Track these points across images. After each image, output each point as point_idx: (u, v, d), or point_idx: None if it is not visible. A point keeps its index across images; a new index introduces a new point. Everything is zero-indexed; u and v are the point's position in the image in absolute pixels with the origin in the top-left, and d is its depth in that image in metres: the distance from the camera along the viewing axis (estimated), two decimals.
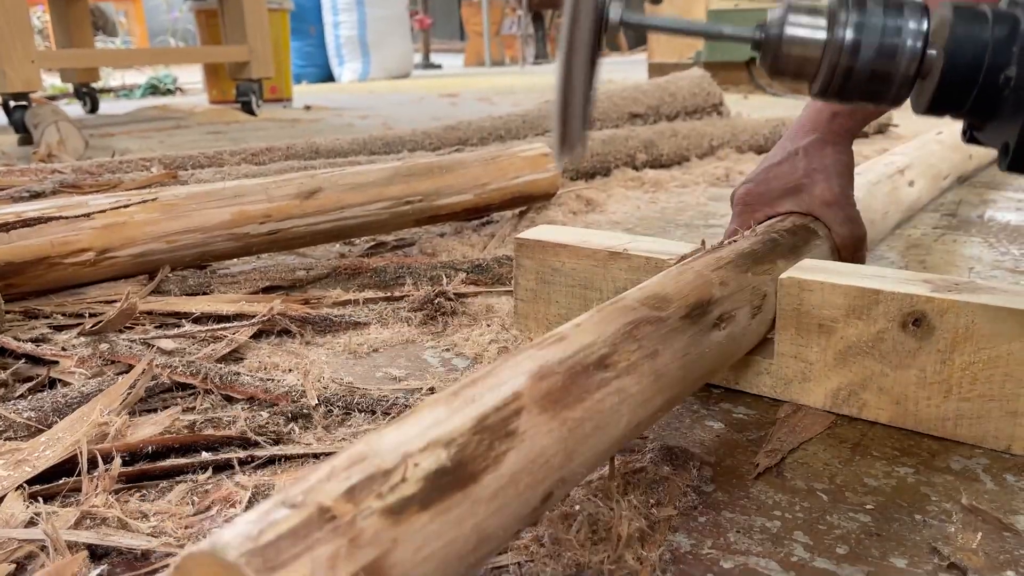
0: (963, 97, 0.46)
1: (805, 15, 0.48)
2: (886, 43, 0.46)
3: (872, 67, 0.46)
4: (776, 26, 0.48)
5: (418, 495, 0.44)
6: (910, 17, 0.46)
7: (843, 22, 0.46)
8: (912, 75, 0.46)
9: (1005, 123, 0.45)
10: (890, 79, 0.46)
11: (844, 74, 0.46)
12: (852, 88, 0.47)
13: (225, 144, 2.82)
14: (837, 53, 0.46)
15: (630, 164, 2.13)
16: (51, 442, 0.71)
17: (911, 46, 0.46)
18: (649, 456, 0.73)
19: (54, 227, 1.09)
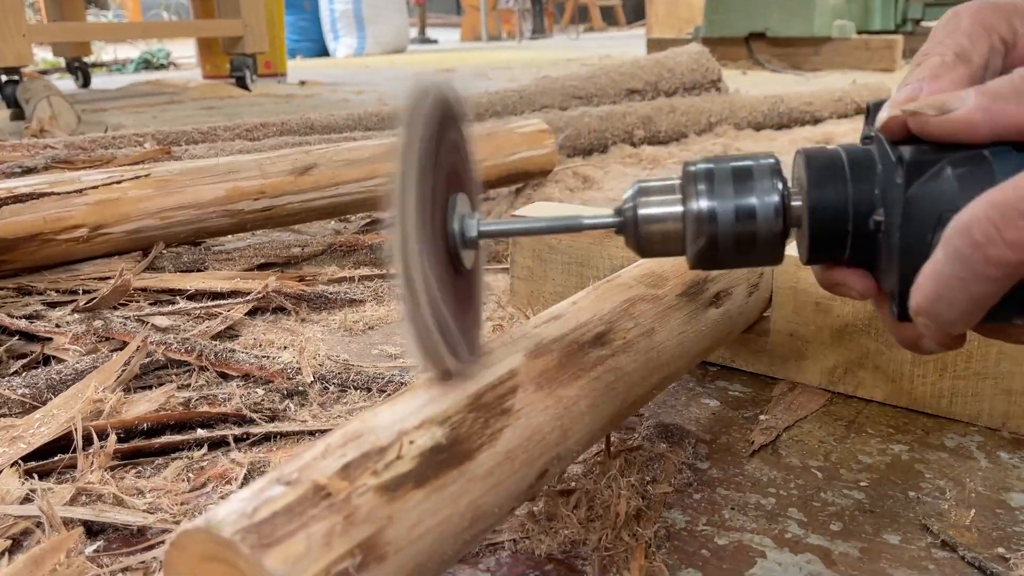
0: (839, 247, 0.44)
1: (656, 194, 0.47)
2: (741, 205, 0.45)
3: (735, 231, 0.45)
4: (631, 208, 0.48)
5: (413, 472, 0.44)
6: (760, 176, 0.45)
7: (695, 192, 0.45)
8: (780, 231, 0.45)
9: (887, 270, 0.43)
10: (756, 239, 0.45)
11: (709, 241, 0.45)
12: (724, 254, 0.46)
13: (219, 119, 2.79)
14: (696, 223, 0.45)
15: (628, 140, 2.12)
16: (46, 419, 0.71)
17: (768, 203, 0.45)
18: (645, 434, 0.73)
19: (47, 203, 1.08)
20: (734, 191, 0.45)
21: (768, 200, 0.45)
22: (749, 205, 0.45)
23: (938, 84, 0.41)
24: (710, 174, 0.46)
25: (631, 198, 0.48)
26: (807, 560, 0.57)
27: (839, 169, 0.44)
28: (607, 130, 2.08)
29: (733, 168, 0.46)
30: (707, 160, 0.47)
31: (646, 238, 0.47)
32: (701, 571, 0.56)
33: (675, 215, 0.46)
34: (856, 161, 0.44)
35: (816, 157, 0.45)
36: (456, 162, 0.48)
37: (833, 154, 0.45)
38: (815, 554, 0.57)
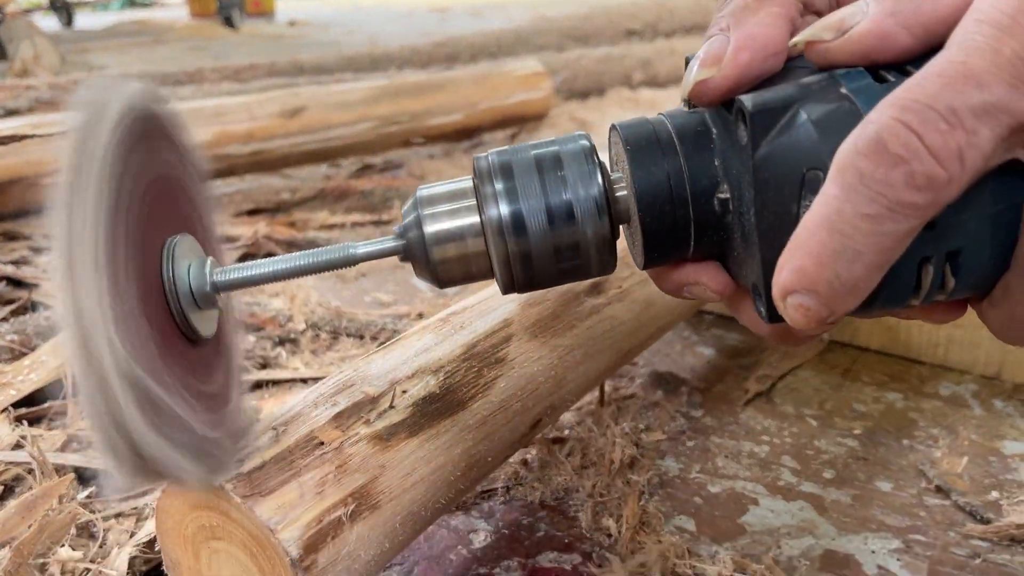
0: (681, 240, 0.35)
1: (444, 201, 0.36)
2: (555, 205, 0.34)
3: (552, 240, 0.35)
4: (414, 226, 0.36)
5: (407, 421, 0.43)
6: (572, 161, 0.35)
7: (492, 194, 0.35)
8: (607, 232, 0.35)
9: (745, 259, 0.33)
10: (579, 247, 0.35)
11: (522, 259, 0.35)
12: (541, 271, 0.35)
13: (206, 61, 2.73)
14: (499, 234, 0.35)
15: (626, 84, 2.08)
16: (35, 365, 0.71)
17: (587, 196, 0.34)
18: (639, 382, 0.73)
19: (31, 146, 1.05)
20: (542, 188, 0.35)
21: (588, 194, 0.35)
22: (565, 204, 0.34)
23: (746, 28, 0.32)
24: (507, 168, 0.35)
25: (411, 210, 0.37)
26: (799, 507, 0.57)
27: (666, 142, 0.34)
28: (605, 73, 2.04)
29: (536, 156, 0.36)
30: (503, 150, 0.37)
31: (441, 263, 0.36)
32: (693, 518, 0.56)
33: (472, 228, 0.36)
34: (685, 129, 0.34)
35: (635, 131, 0.35)
36: (172, 193, 0.36)
37: (656, 124, 0.35)
38: (808, 501, 0.57)
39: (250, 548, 0.38)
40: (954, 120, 0.26)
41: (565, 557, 0.52)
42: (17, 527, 0.51)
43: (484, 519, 0.56)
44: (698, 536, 0.54)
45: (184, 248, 0.35)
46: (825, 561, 0.52)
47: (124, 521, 0.54)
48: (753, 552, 0.52)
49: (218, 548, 0.39)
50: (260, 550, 0.37)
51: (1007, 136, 0.27)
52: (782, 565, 0.51)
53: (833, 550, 0.53)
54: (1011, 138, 0.27)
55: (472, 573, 0.51)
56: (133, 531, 0.53)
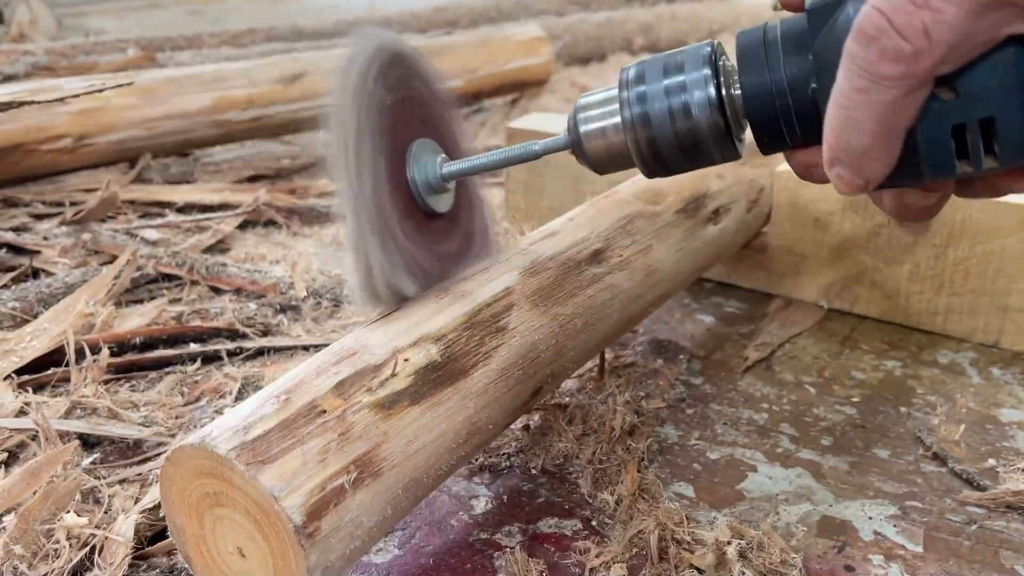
0: (789, 127, 0.40)
1: (595, 108, 0.45)
2: (674, 103, 0.42)
3: (674, 131, 0.42)
4: (574, 127, 0.46)
5: (408, 390, 0.43)
6: (692, 68, 0.42)
7: (627, 99, 0.43)
8: (722, 126, 0.41)
9: None
10: (698, 136, 0.42)
11: (651, 147, 0.43)
12: (669, 157, 0.43)
13: (205, 25, 2.70)
14: (633, 131, 0.43)
15: (627, 49, 2.06)
16: (37, 332, 0.71)
17: (701, 97, 0.41)
18: (639, 350, 0.73)
19: (29, 112, 1.04)
20: (665, 90, 0.42)
21: (700, 94, 0.41)
22: (681, 102, 0.41)
23: None
24: (640, 75, 0.43)
25: (572, 115, 0.46)
26: (797, 474, 0.57)
27: (771, 44, 0.39)
28: (605, 38, 2.01)
29: (664, 63, 0.43)
30: (641, 60, 0.44)
31: (594, 155, 0.45)
32: (692, 484, 0.56)
33: (615, 126, 0.44)
34: (790, 31, 0.39)
35: (747, 36, 0.41)
36: (417, 107, 0.48)
37: (768, 28, 0.40)
38: (805, 468, 0.58)
39: (253, 515, 0.38)
40: (920, 1, 0.31)
41: (565, 523, 0.53)
42: (22, 494, 0.52)
43: (485, 485, 0.56)
44: (697, 502, 0.55)
45: (423, 148, 0.48)
46: (822, 527, 0.52)
47: (129, 487, 0.55)
48: (751, 518, 0.53)
49: (222, 515, 0.39)
50: (263, 517, 0.38)
51: (981, 12, 0.31)
52: (779, 531, 0.52)
53: (830, 516, 0.53)
54: (990, 14, 0.31)
55: (473, 539, 0.51)
56: (138, 497, 0.54)
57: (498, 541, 0.51)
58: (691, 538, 0.50)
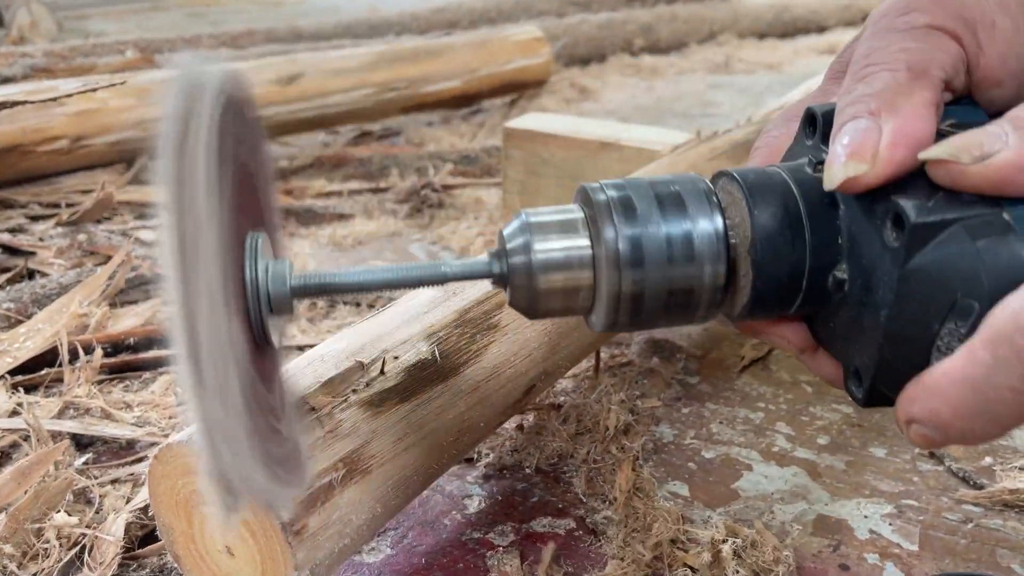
0: (785, 304, 0.34)
1: (553, 232, 0.34)
2: (675, 245, 0.33)
3: (669, 279, 0.34)
4: (520, 251, 0.34)
5: (398, 387, 0.43)
6: (695, 206, 0.34)
7: (612, 231, 0.33)
8: (722, 278, 0.34)
9: (847, 340, 0.33)
10: (694, 288, 0.34)
11: (633, 294, 0.34)
12: (648, 308, 0.34)
13: (204, 27, 2.70)
14: (616, 270, 0.33)
15: (627, 50, 2.06)
16: (31, 333, 0.71)
17: (709, 244, 0.34)
18: (635, 349, 0.73)
19: (25, 113, 1.04)
20: (664, 226, 0.34)
21: (710, 237, 0.34)
22: (685, 243, 0.33)
23: (900, 119, 0.30)
24: (627, 202, 0.34)
25: (518, 234, 0.35)
26: (793, 473, 0.57)
27: (792, 209, 0.33)
28: (606, 39, 2.01)
29: (656, 192, 0.34)
30: (618, 184, 0.35)
31: (541, 291, 0.34)
32: (687, 483, 0.56)
33: (581, 260, 0.34)
34: (812, 197, 0.33)
35: (759, 187, 0.34)
36: (250, 185, 0.33)
37: (781, 184, 0.34)
38: (801, 467, 0.58)
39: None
40: None
41: (559, 522, 0.52)
42: (12, 493, 0.52)
43: (478, 485, 0.56)
44: (692, 502, 0.54)
45: (263, 247, 0.32)
46: (818, 526, 0.52)
47: (121, 487, 0.55)
48: (746, 517, 0.52)
49: (210, 513, 0.39)
50: (251, 514, 0.37)
51: None
52: (774, 530, 0.51)
53: (826, 515, 0.53)
54: None
55: (466, 538, 0.51)
56: (129, 497, 0.53)
57: (491, 540, 0.51)
58: (686, 537, 0.50)
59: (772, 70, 1.98)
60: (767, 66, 2.01)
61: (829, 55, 2.13)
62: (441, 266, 0.35)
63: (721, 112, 1.57)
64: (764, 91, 1.75)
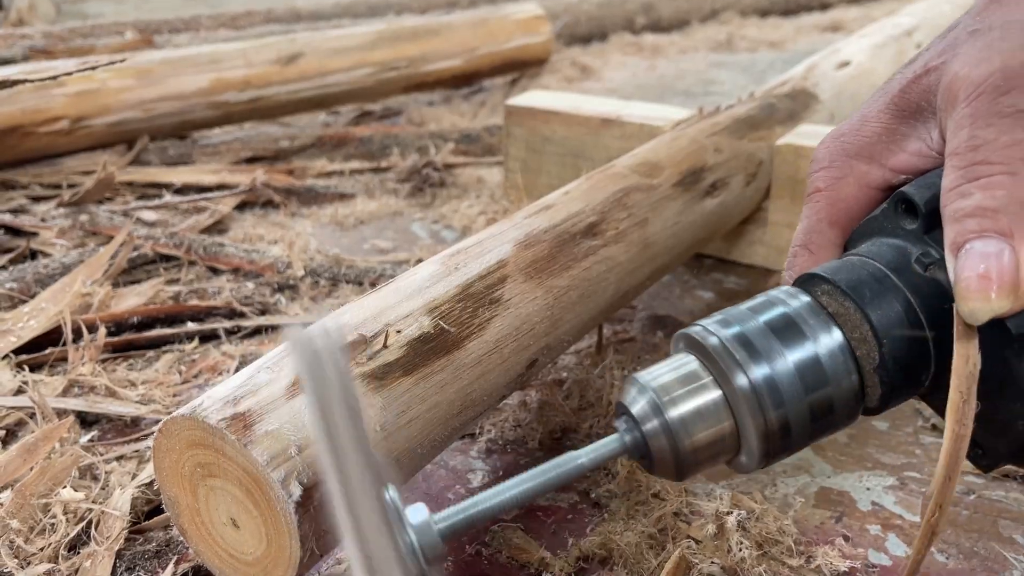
0: (913, 388, 0.36)
1: (677, 387, 0.34)
2: (804, 365, 0.34)
3: (808, 402, 0.34)
4: (652, 415, 0.34)
5: (401, 361, 0.43)
6: (806, 319, 0.35)
7: (742, 377, 0.33)
8: (856, 382, 0.35)
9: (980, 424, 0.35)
10: (834, 402, 0.34)
11: (780, 425, 0.33)
12: (798, 435, 0.34)
13: (202, 8, 2.68)
14: (759, 408, 0.33)
15: (628, 28, 2.04)
16: (34, 312, 0.71)
17: (835, 355, 0.34)
18: (638, 325, 0.73)
19: (25, 94, 1.04)
20: (785, 352, 0.34)
21: (834, 351, 0.34)
22: (813, 363, 0.34)
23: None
24: (743, 338, 0.34)
25: (638, 397, 0.34)
26: None
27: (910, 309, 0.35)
28: (607, 17, 2.00)
29: (767, 321, 0.35)
30: (719, 320, 0.35)
31: (691, 451, 0.33)
32: None
33: (716, 407, 0.34)
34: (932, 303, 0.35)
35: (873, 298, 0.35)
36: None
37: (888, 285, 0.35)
38: None
39: (246, 485, 0.38)
40: None
41: (562, 495, 0.53)
42: (19, 469, 0.52)
43: (481, 459, 0.56)
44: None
45: (393, 499, 0.29)
46: (820, 498, 0.52)
47: (126, 464, 0.55)
48: (749, 490, 0.52)
49: (214, 486, 0.39)
50: (255, 487, 0.38)
51: None
52: (777, 502, 0.51)
53: (828, 487, 0.53)
54: None
55: None
56: (135, 472, 0.54)
57: None
58: (689, 510, 0.50)
59: (775, 48, 1.97)
60: (769, 44, 2.00)
61: (832, 33, 2.11)
62: (579, 458, 0.34)
63: (723, 90, 1.56)
64: (767, 69, 1.73)
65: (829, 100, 0.93)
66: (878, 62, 1.18)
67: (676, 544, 0.47)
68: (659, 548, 0.47)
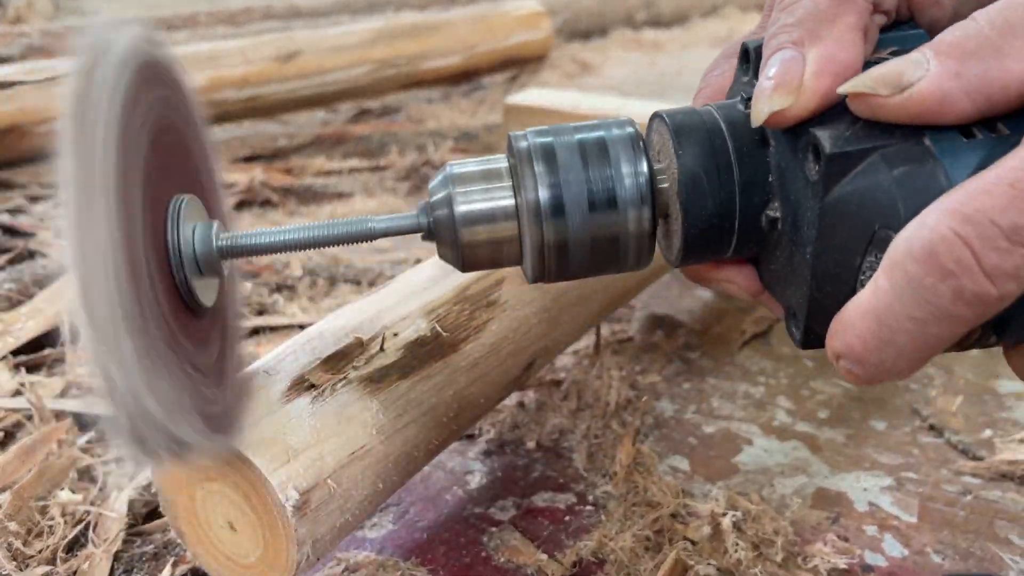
0: (720, 245, 0.34)
1: (475, 183, 0.34)
2: (597, 192, 0.33)
3: (592, 228, 0.33)
4: (444, 204, 0.34)
5: (397, 364, 0.43)
6: (620, 152, 0.33)
7: (533, 178, 0.33)
8: (648, 225, 0.34)
9: (785, 280, 0.33)
10: (618, 240, 0.34)
11: (558, 247, 0.34)
12: (576, 261, 0.34)
13: (201, 4, 2.68)
14: (537, 220, 0.33)
15: (629, 24, 2.04)
16: (32, 313, 0.71)
17: (632, 189, 0.33)
18: (636, 325, 0.73)
19: (24, 94, 1.04)
20: (584, 172, 0.33)
21: (632, 183, 0.33)
22: (607, 190, 0.33)
23: (824, 46, 0.29)
24: (548, 150, 0.34)
25: (441, 187, 0.35)
26: (793, 447, 0.57)
27: (719, 144, 0.33)
28: (607, 13, 1.99)
29: (580, 140, 0.34)
30: (542, 131, 0.35)
31: (469, 245, 0.34)
32: (688, 458, 0.56)
33: (505, 211, 0.34)
34: (741, 135, 0.33)
35: (685, 125, 0.33)
36: (177, 147, 0.34)
37: (709, 121, 0.33)
38: (801, 441, 0.58)
39: (242, 488, 0.38)
40: (1017, 238, 0.24)
41: (560, 497, 0.53)
42: (17, 471, 0.52)
43: (479, 461, 0.56)
44: (692, 476, 0.55)
45: (190, 209, 0.33)
46: (817, 499, 0.52)
47: (124, 465, 0.55)
48: (746, 491, 0.53)
49: (212, 489, 0.39)
50: (252, 490, 0.38)
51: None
52: (774, 503, 0.51)
53: (825, 488, 0.53)
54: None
55: (467, 513, 0.51)
56: (133, 474, 0.54)
57: (492, 515, 0.51)
58: (686, 511, 0.50)
59: None
60: None
61: None
62: (368, 221, 0.35)
63: None
64: None
65: None
66: None
67: (672, 546, 0.47)
68: (655, 550, 0.47)
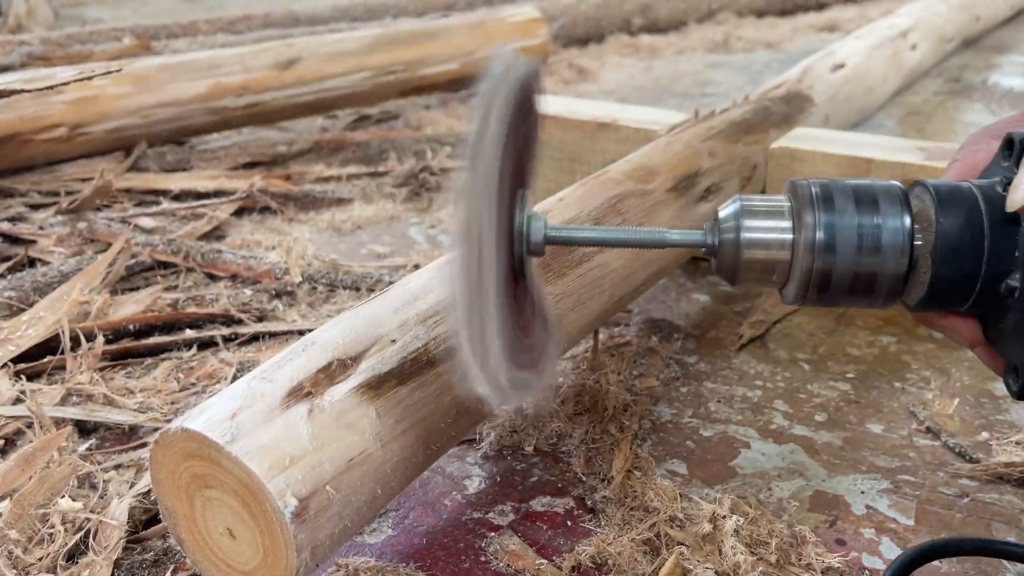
0: (957, 301, 0.40)
1: (761, 217, 0.41)
2: (865, 238, 0.40)
3: (855, 268, 0.40)
4: (731, 230, 0.41)
5: (395, 371, 0.43)
6: (888, 205, 0.40)
7: (812, 220, 0.40)
8: (904, 272, 0.40)
9: (1013, 340, 0.39)
10: (876, 278, 0.40)
11: (822, 276, 0.40)
12: (835, 290, 0.41)
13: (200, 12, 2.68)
14: (810, 255, 0.40)
15: (625, 30, 2.05)
16: (33, 321, 0.71)
17: (896, 237, 0.39)
18: (634, 329, 0.73)
19: (23, 102, 1.04)
20: (857, 221, 0.40)
21: (896, 234, 0.39)
22: (874, 236, 0.39)
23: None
24: (828, 197, 0.40)
25: (732, 217, 0.42)
26: (790, 450, 0.57)
27: (975, 221, 0.39)
28: (604, 18, 2.00)
29: (855, 190, 0.41)
30: (823, 181, 0.41)
31: (746, 266, 0.41)
32: (685, 462, 0.56)
33: (782, 243, 0.41)
34: (997, 214, 0.39)
35: (948, 199, 0.39)
36: (524, 152, 0.41)
37: (969, 199, 0.39)
38: (798, 444, 0.58)
39: (242, 496, 0.38)
40: None
41: (558, 501, 0.53)
42: (17, 479, 0.52)
43: (478, 465, 0.56)
44: (690, 479, 0.55)
45: (523, 202, 0.40)
46: (815, 502, 0.52)
47: (124, 472, 0.55)
48: (744, 494, 0.53)
49: (211, 496, 0.40)
50: (251, 497, 0.38)
51: None
52: (772, 506, 0.52)
53: (823, 491, 0.53)
54: None
55: (466, 518, 0.52)
56: (133, 482, 0.54)
57: (491, 520, 0.51)
58: (684, 514, 0.50)
59: (771, 48, 1.97)
60: (766, 44, 2.00)
61: (828, 32, 2.12)
62: (665, 233, 0.42)
63: (720, 91, 1.56)
64: (763, 69, 1.74)
65: (824, 103, 0.94)
66: (873, 64, 1.18)
67: (670, 550, 0.47)
68: (654, 554, 0.48)
